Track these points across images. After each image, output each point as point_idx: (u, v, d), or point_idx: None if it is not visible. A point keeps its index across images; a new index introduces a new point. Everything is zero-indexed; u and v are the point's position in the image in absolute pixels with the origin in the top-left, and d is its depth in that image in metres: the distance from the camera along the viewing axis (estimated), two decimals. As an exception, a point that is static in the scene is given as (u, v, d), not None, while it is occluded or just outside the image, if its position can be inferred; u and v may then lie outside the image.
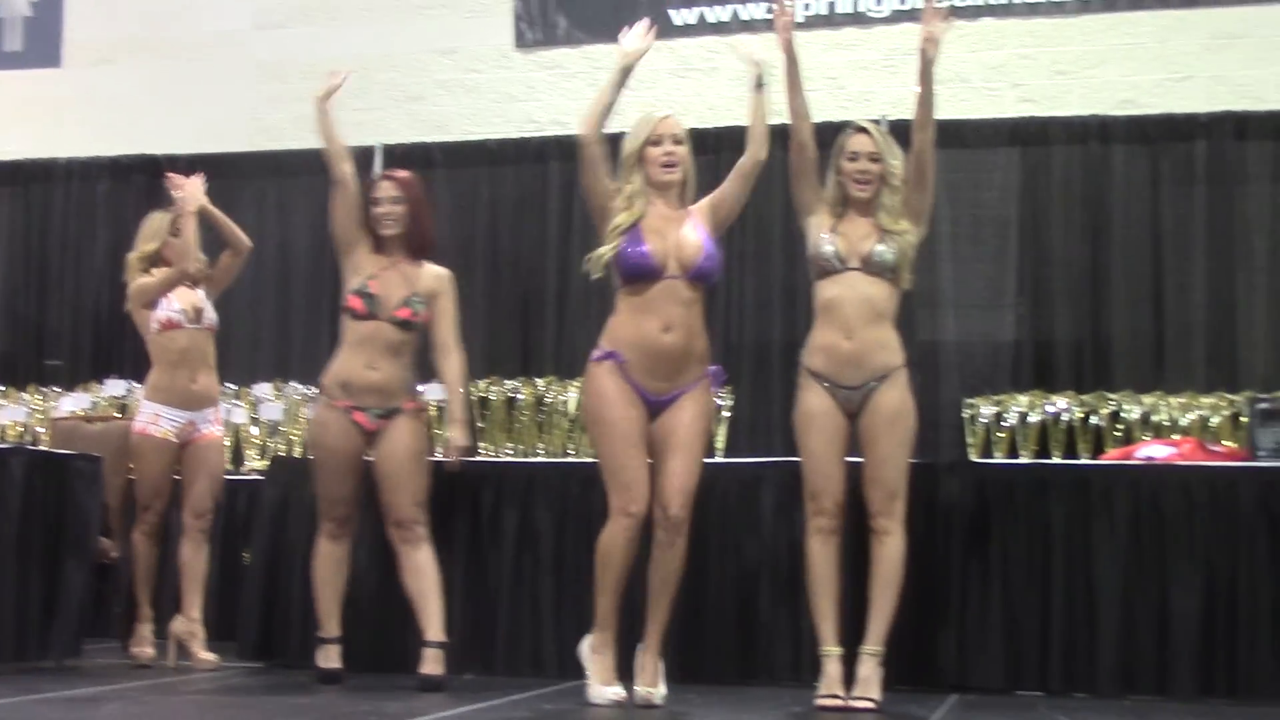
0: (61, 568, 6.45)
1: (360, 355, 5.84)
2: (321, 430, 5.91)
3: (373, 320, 5.83)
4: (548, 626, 6.23)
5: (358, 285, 5.86)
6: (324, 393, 5.93)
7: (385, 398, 5.82)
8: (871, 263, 5.20)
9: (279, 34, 10.05)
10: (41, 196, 10.15)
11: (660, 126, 5.41)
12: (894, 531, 5.18)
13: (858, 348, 5.18)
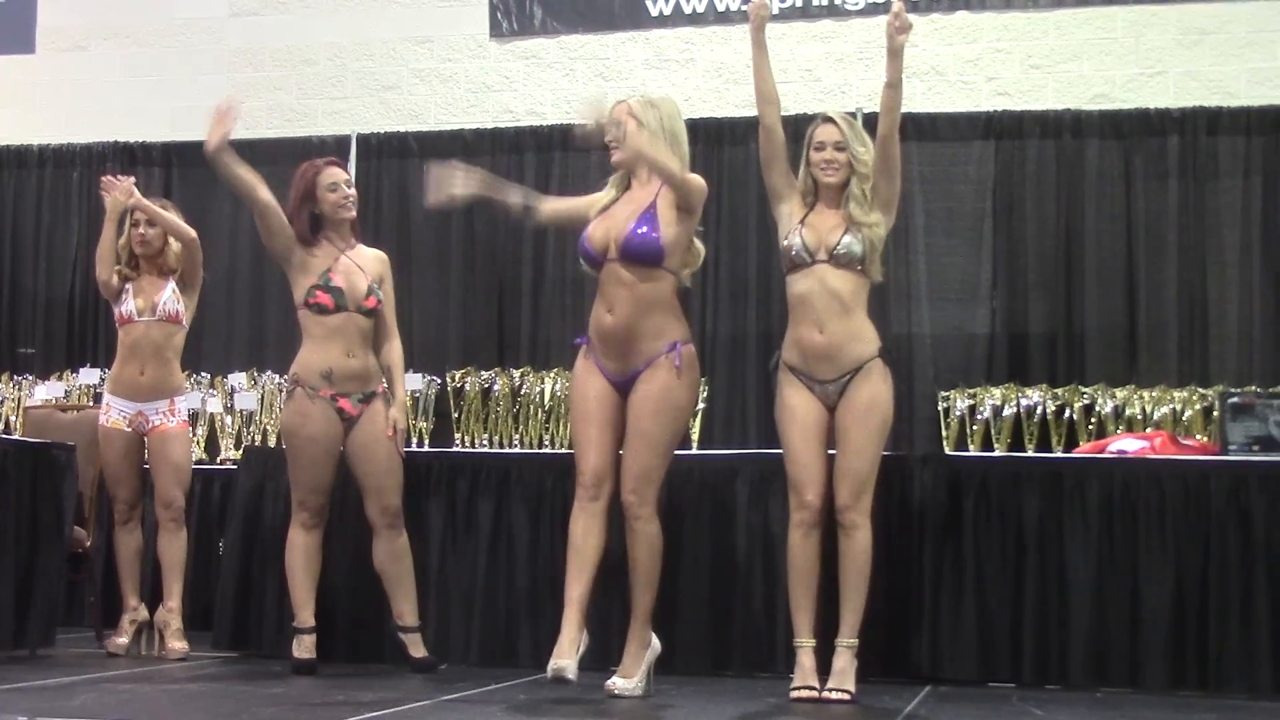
0: (36, 557, 6.45)
1: (336, 345, 5.92)
2: (302, 421, 5.92)
3: (342, 312, 5.90)
4: (522, 618, 6.25)
5: (320, 281, 5.92)
6: (301, 385, 5.93)
7: (364, 383, 5.97)
8: (838, 255, 5.21)
9: (253, 21, 10.01)
10: (14, 183, 10.09)
11: (613, 112, 5.38)
12: (862, 525, 5.19)
13: (830, 341, 5.20)
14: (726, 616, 5.99)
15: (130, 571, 6.65)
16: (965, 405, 7.79)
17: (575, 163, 9.28)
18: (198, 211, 9.53)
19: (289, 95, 9.89)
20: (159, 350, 6.63)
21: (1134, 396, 7.66)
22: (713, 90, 9.29)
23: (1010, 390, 7.83)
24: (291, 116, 9.85)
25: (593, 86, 9.43)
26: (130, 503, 6.65)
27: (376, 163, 9.65)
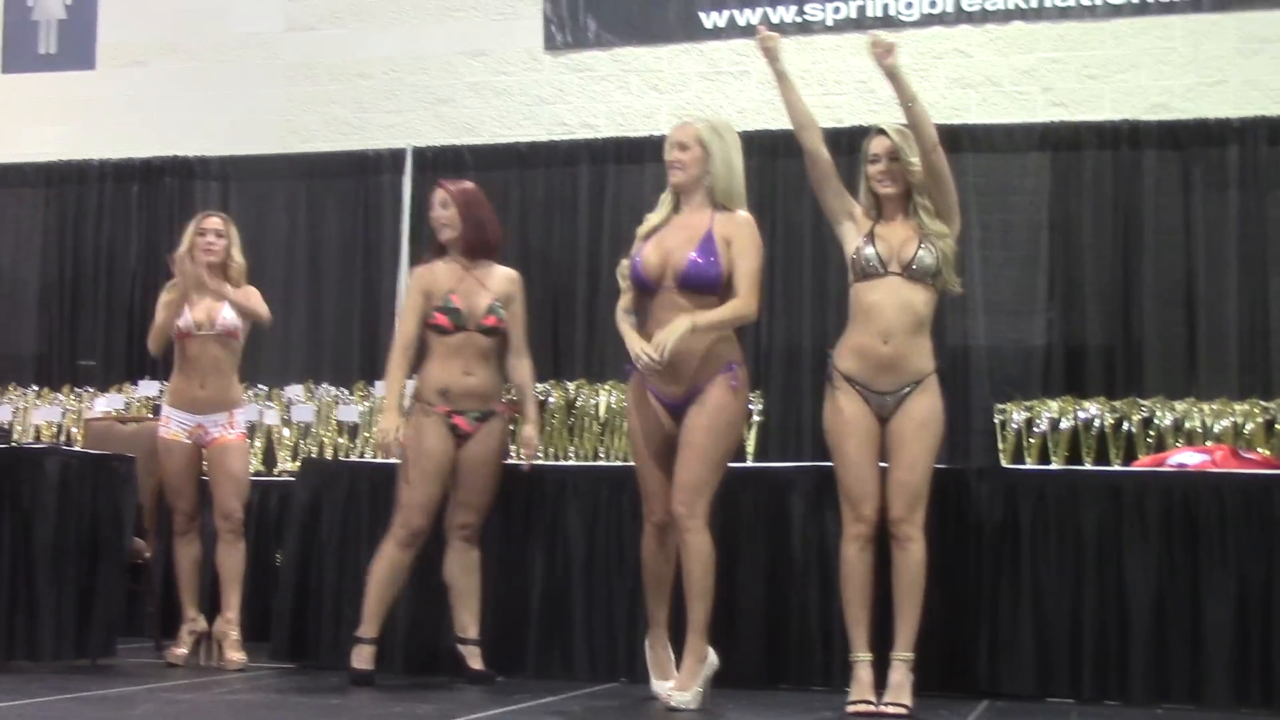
0: (96, 567, 6.48)
1: (455, 363, 5.93)
2: (419, 436, 5.90)
3: (460, 331, 5.92)
4: (578, 629, 6.24)
5: (441, 303, 5.94)
6: (420, 400, 5.94)
7: (482, 401, 5.96)
8: (912, 268, 5.19)
9: (309, 36, 10.07)
10: (75, 198, 10.20)
11: (671, 134, 5.48)
12: (916, 538, 5.15)
13: (894, 353, 5.17)
14: (782, 629, 5.96)
15: (189, 582, 6.69)
16: (1022, 418, 7.75)
17: (628, 176, 9.31)
18: (255, 224, 9.64)
19: (345, 109, 9.94)
20: (217, 364, 6.65)
21: (1194, 409, 7.60)
22: (767, 102, 9.22)
23: (1067, 403, 7.78)
24: (347, 130, 9.90)
25: (646, 99, 9.45)
26: (189, 514, 6.69)
27: (432, 176, 9.63)
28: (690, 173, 5.37)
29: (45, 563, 6.26)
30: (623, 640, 6.17)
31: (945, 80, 9.01)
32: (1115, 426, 7.59)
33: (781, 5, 9.31)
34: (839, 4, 9.23)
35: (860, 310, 5.24)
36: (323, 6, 10.06)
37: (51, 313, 10.11)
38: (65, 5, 10.39)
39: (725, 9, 9.38)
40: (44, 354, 9.95)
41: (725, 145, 5.40)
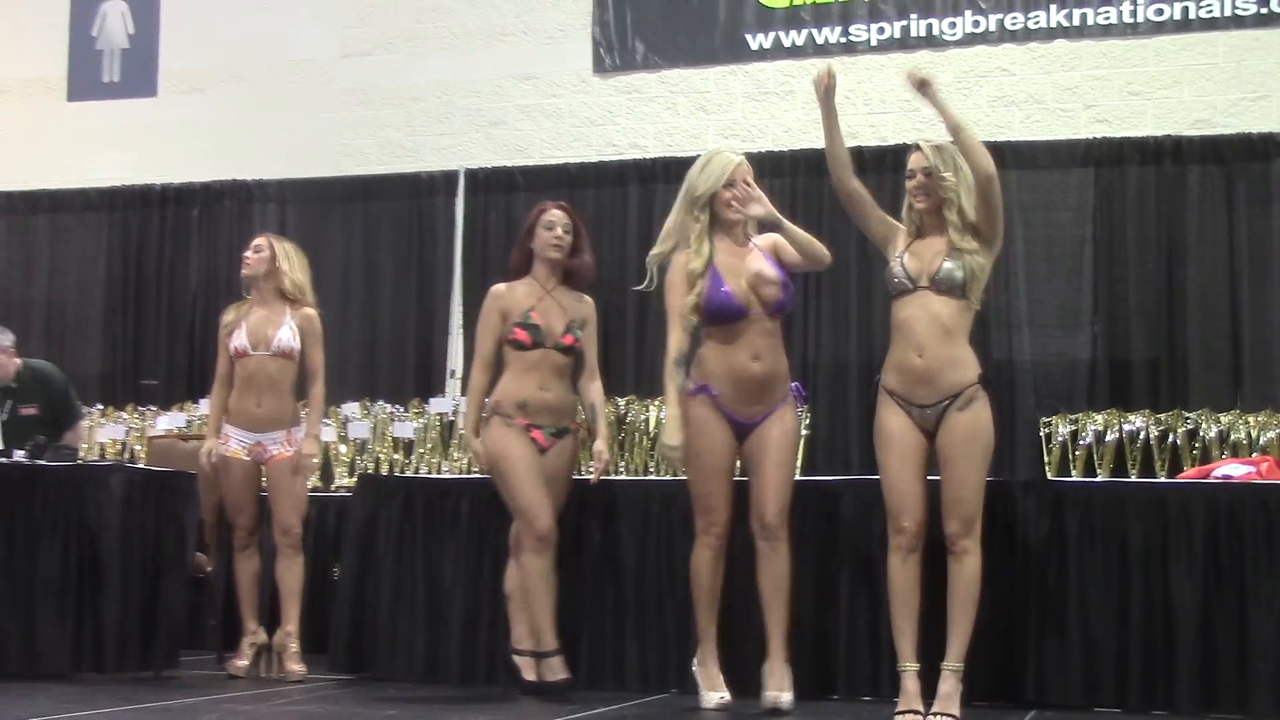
0: (160, 582, 6.54)
1: (532, 379, 5.94)
2: (506, 444, 5.89)
3: (539, 348, 5.94)
4: (630, 641, 6.25)
5: (521, 319, 5.96)
6: (499, 413, 5.93)
7: (558, 417, 5.97)
8: (939, 281, 5.19)
9: (363, 61, 10.15)
10: (138, 222, 10.30)
11: (736, 171, 5.57)
12: (972, 551, 5.13)
13: (928, 365, 5.15)
14: (832, 640, 5.94)
15: (249, 596, 6.72)
16: (1067, 431, 7.72)
17: (676, 195, 9.27)
18: (311, 244, 9.62)
19: (398, 132, 10.00)
20: (274, 383, 6.69)
21: (1239, 421, 7.56)
22: (812, 121, 9.14)
23: (1113, 416, 7.75)
24: (401, 153, 9.96)
25: (694, 120, 9.48)
26: (249, 529, 6.72)
27: (484, 197, 9.75)
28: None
29: (111, 577, 6.33)
30: (674, 652, 6.17)
31: (989, 98, 9.01)
32: (1160, 439, 7.56)
33: (826, 26, 9.33)
34: (883, 24, 9.24)
35: (896, 326, 5.26)
36: (376, 33, 10.14)
37: (115, 333, 10.21)
38: (128, 35, 10.50)
39: (770, 30, 9.41)
40: (108, 373, 10.04)
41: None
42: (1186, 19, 8.80)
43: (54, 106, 10.59)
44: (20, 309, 10.04)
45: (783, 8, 9.40)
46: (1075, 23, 8.97)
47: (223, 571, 7.11)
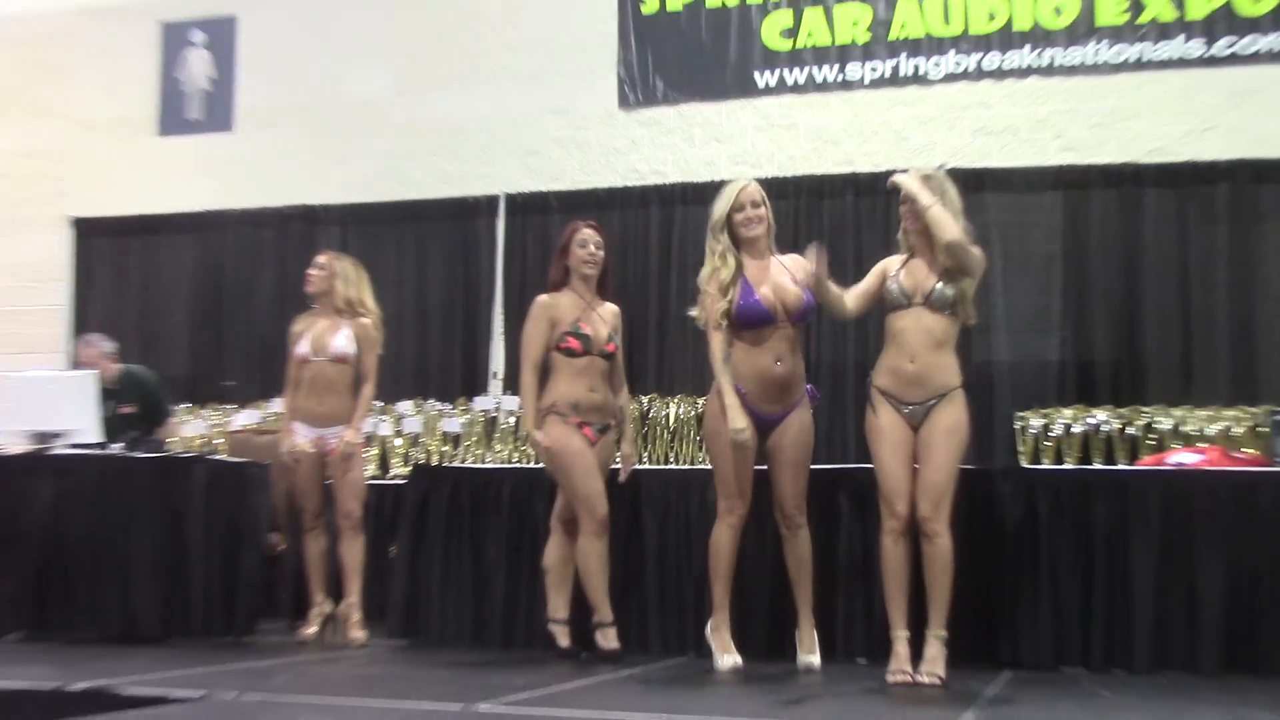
0: (238, 559, 6.60)
1: (583, 382, 5.96)
2: (568, 440, 5.89)
3: (587, 355, 5.97)
4: (652, 611, 6.27)
5: (571, 328, 5.98)
6: (555, 412, 5.93)
7: (603, 415, 6.01)
8: (933, 300, 5.22)
9: (415, 98, 10.18)
10: (218, 243, 10.34)
11: (741, 195, 5.58)
12: (942, 533, 5.13)
13: (919, 370, 5.19)
14: (830, 610, 5.95)
15: (317, 571, 6.76)
16: (1039, 424, 7.73)
17: (693, 216, 9.34)
18: (369, 263, 9.63)
19: (446, 161, 10.03)
20: (332, 384, 6.71)
21: (1190, 415, 7.57)
22: (813, 150, 9.29)
23: (1079, 411, 7.75)
24: (448, 179, 9.99)
25: (708, 149, 9.50)
26: (316, 513, 6.75)
27: (522, 219, 9.77)
28: (763, 227, 5.57)
29: (196, 554, 6.39)
30: (690, 620, 6.20)
31: (969, 130, 9.01)
32: (1121, 431, 7.57)
33: (825, 65, 9.32)
34: (876, 63, 9.23)
35: (890, 335, 5.29)
36: (426, 74, 10.17)
37: (199, 341, 10.26)
38: (209, 78, 10.55)
39: (775, 69, 9.41)
40: (193, 376, 10.07)
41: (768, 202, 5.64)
42: (1142, 60, 8.78)
43: (145, 141, 10.65)
44: (118, 320, 10.07)
45: (786, 49, 9.40)
46: (1046, 62, 8.95)
47: (293, 550, 7.15)
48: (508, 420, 8.67)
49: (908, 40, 9.19)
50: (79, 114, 10.82)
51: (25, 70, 10.95)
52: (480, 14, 10.09)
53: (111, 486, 6.45)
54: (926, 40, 9.15)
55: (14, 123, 10.93)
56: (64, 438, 6.74)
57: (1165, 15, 8.75)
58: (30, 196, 10.81)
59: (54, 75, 10.89)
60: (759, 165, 9.23)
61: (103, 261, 10.61)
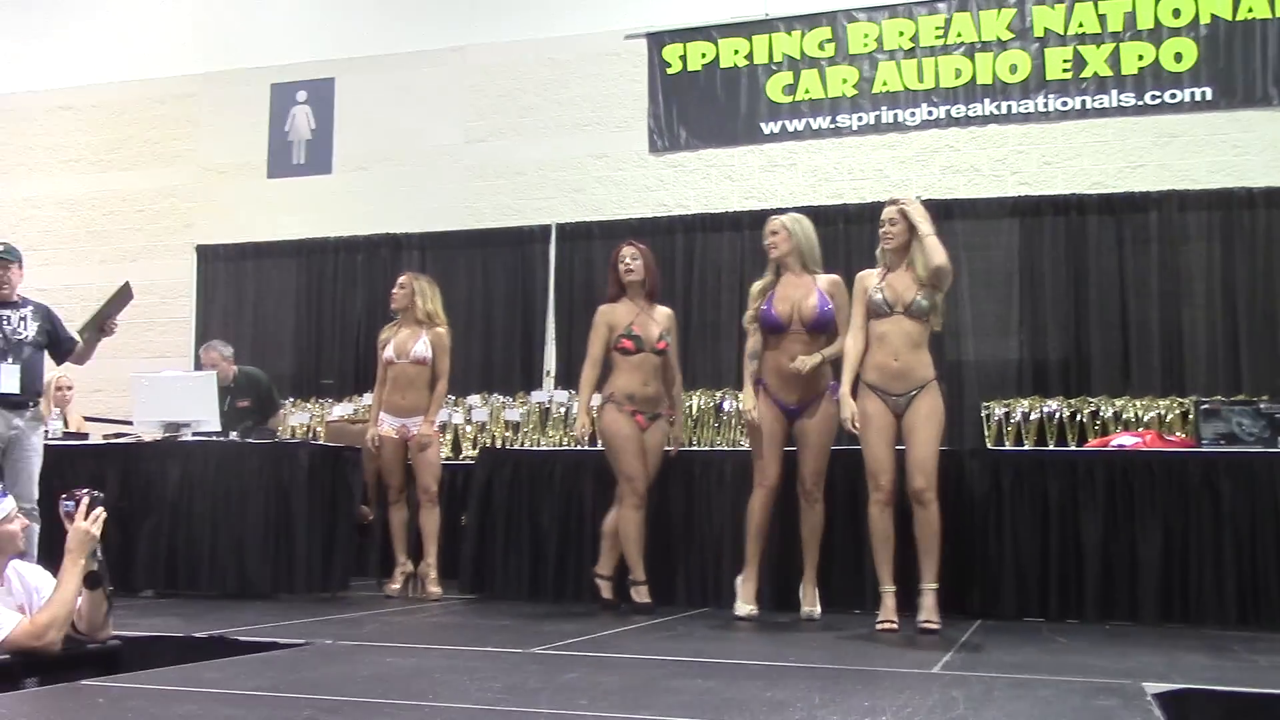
0: (335, 527, 6.56)
1: (637, 376, 5.90)
2: (618, 425, 5.84)
3: (640, 353, 5.89)
4: (679, 568, 6.18)
5: (625, 331, 5.92)
6: (612, 401, 5.88)
7: (654, 405, 5.93)
8: (912, 309, 5.13)
9: (482, 145, 10.14)
10: (318, 265, 10.33)
11: (765, 227, 5.68)
12: (933, 501, 5.07)
13: (902, 366, 5.12)
14: (829, 568, 5.84)
15: (400, 537, 6.72)
16: (1002, 412, 7.62)
17: (711, 241, 9.31)
18: (443, 282, 9.60)
19: (507, 197, 10.00)
20: (412, 383, 6.65)
21: (1129, 404, 7.46)
22: (809, 186, 9.22)
23: (1035, 400, 7.65)
24: (509, 212, 9.96)
25: (722, 186, 9.43)
26: (399, 489, 6.71)
27: (570, 244, 9.73)
28: (781, 249, 5.54)
29: (300, 523, 6.35)
30: (711, 576, 6.12)
31: (940, 168, 8.92)
32: (1071, 417, 7.46)
33: (819, 115, 9.24)
34: (861, 114, 9.14)
35: (875, 338, 5.20)
36: (490, 126, 10.13)
37: (301, 346, 10.25)
38: (311, 129, 10.54)
39: (778, 119, 9.34)
40: (297, 375, 10.07)
41: (803, 228, 5.60)
42: (1084, 108, 8.68)
43: (257, 182, 10.64)
44: (235, 329, 10.09)
45: (787, 102, 9.31)
46: (1003, 112, 8.86)
47: (380, 520, 7.13)
48: (559, 411, 8.62)
49: (888, 94, 9.09)
50: (203, 160, 10.81)
51: (160, 124, 10.95)
52: (534, 76, 10.04)
53: (229, 468, 6.42)
54: (904, 94, 9.06)
55: (151, 167, 10.93)
56: (190, 427, 6.72)
57: (1103, 71, 8.65)
58: (163, 228, 10.81)
59: (183, 128, 10.89)
60: (764, 199, 9.17)
61: (222, 282, 10.60)
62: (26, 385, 5.89)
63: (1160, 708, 3.21)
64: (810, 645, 4.73)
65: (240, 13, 10.85)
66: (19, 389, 5.84)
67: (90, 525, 3.74)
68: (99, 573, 3.75)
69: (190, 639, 4.41)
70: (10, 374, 5.84)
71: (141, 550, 6.37)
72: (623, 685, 3.49)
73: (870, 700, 3.22)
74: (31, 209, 11.06)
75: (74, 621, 3.76)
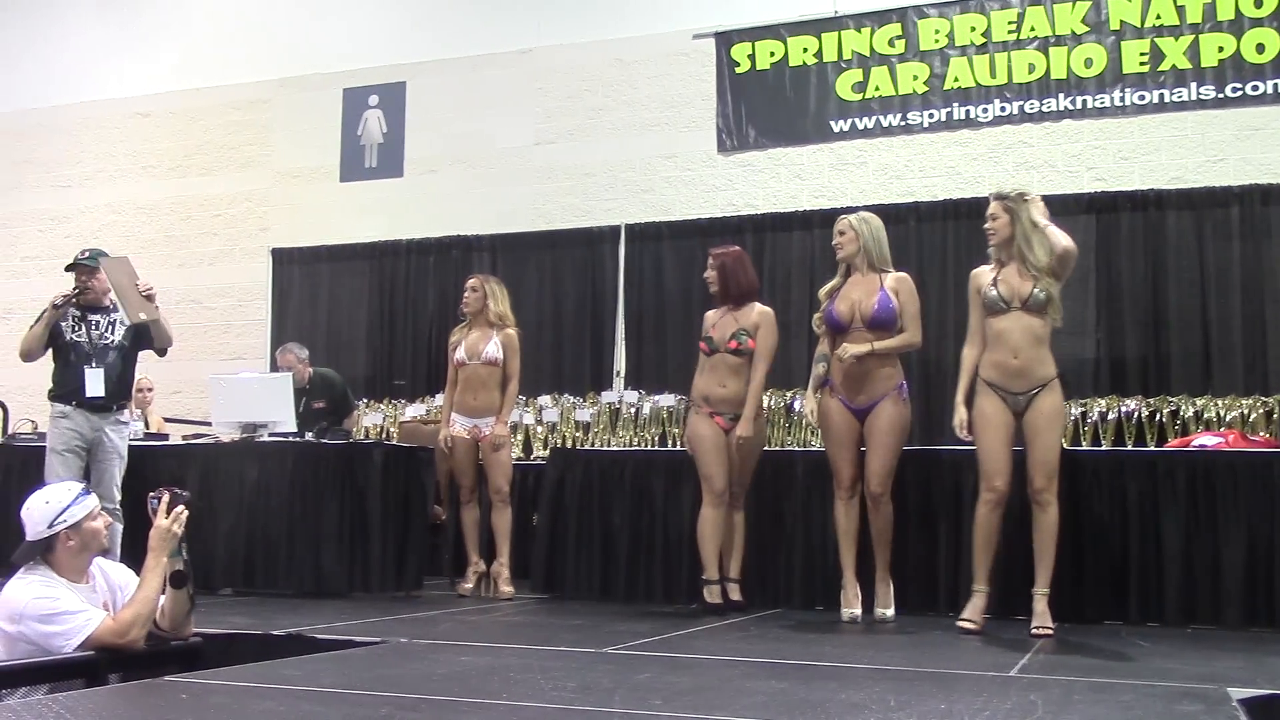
0: (408, 527, 6.62)
1: (714, 377, 5.85)
2: (694, 428, 5.84)
3: (714, 354, 5.87)
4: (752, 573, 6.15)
5: (704, 334, 5.94)
6: (693, 404, 5.90)
7: (733, 405, 5.80)
8: (1030, 303, 5.04)
9: (551, 147, 10.17)
10: (390, 267, 10.41)
11: (834, 226, 5.66)
12: (1053, 503, 4.99)
13: (1023, 364, 5.02)
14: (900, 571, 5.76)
15: (472, 537, 6.75)
16: (1079, 412, 7.50)
17: (780, 241, 9.26)
18: (514, 283, 9.68)
19: (576, 199, 10.02)
20: (484, 384, 6.68)
21: (1210, 403, 7.31)
22: (880, 184, 9.15)
23: (1113, 400, 7.52)
24: (578, 214, 9.98)
25: (791, 185, 9.38)
26: (471, 489, 6.75)
27: (639, 245, 9.74)
28: (848, 249, 5.52)
29: (374, 523, 6.42)
30: (783, 578, 6.09)
31: (1013, 164, 8.80)
32: (1150, 417, 7.32)
33: (889, 113, 9.16)
34: (933, 110, 9.05)
35: (993, 335, 5.09)
36: (559, 127, 10.16)
37: (375, 347, 10.34)
38: (382, 133, 10.63)
39: (848, 117, 9.27)
40: (371, 376, 10.16)
41: (871, 228, 5.56)
42: (1163, 102, 8.52)
43: (331, 186, 10.76)
44: (310, 331, 10.22)
45: (857, 99, 9.24)
46: (1078, 107, 8.72)
47: (453, 519, 7.17)
48: (629, 411, 8.62)
49: (960, 90, 8.99)
50: (278, 165, 10.96)
51: (236, 130, 11.12)
52: (602, 77, 10.05)
53: (305, 468, 6.51)
54: (976, 89, 8.95)
55: (227, 172, 11.11)
56: (267, 428, 6.81)
57: (1181, 64, 8.48)
58: (239, 233, 10.98)
59: (259, 134, 11.05)
60: (834, 198, 9.11)
61: (296, 284, 10.73)
62: (111, 389, 6.03)
63: (1246, 714, 3.14)
64: (884, 647, 4.69)
65: (313, 20, 10.99)
66: (103, 392, 5.99)
67: (171, 523, 3.81)
68: (184, 571, 3.81)
69: (269, 637, 4.47)
70: (95, 378, 5.98)
71: (220, 549, 6.48)
72: (696, 686, 3.48)
73: (946, 703, 3.18)
74: (113, 214, 11.29)
75: (157, 619, 3.83)
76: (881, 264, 5.53)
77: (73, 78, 11.62)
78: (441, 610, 5.79)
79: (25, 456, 7.15)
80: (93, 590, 3.86)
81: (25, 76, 11.77)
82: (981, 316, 5.14)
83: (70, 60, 11.67)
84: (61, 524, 3.77)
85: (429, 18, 10.68)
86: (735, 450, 5.77)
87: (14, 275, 11.55)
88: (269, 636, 4.47)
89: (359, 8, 10.90)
